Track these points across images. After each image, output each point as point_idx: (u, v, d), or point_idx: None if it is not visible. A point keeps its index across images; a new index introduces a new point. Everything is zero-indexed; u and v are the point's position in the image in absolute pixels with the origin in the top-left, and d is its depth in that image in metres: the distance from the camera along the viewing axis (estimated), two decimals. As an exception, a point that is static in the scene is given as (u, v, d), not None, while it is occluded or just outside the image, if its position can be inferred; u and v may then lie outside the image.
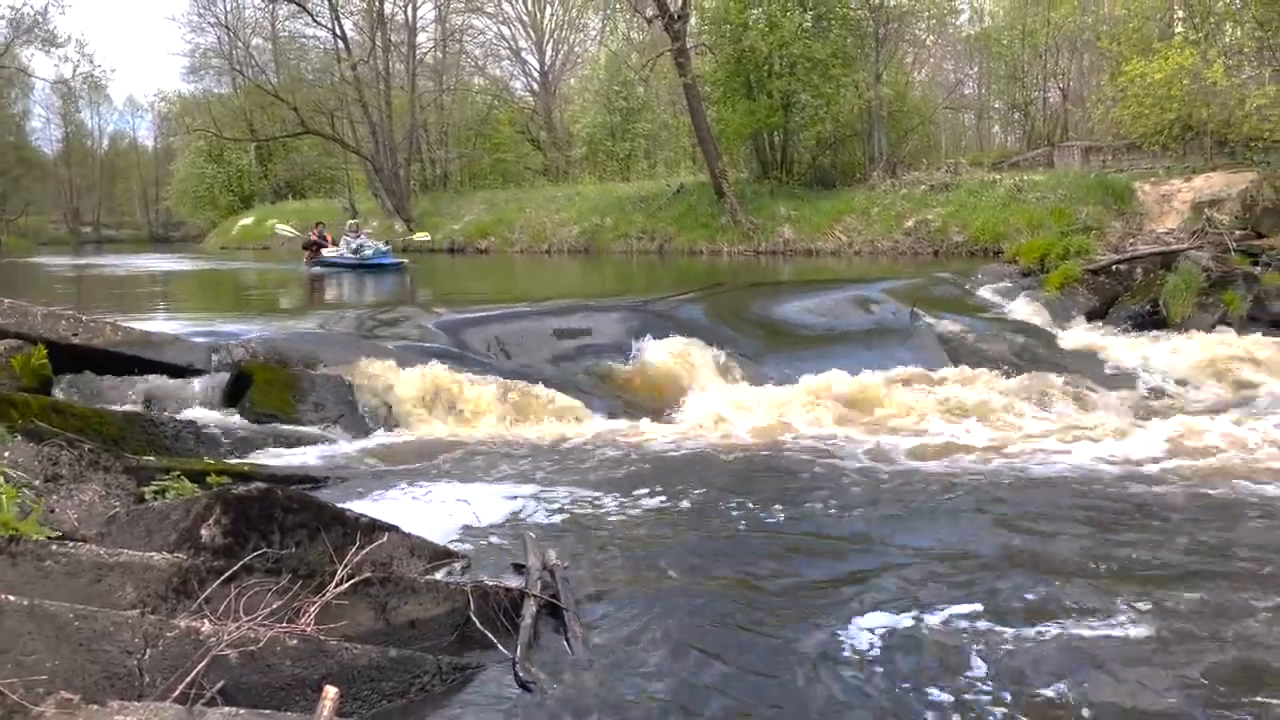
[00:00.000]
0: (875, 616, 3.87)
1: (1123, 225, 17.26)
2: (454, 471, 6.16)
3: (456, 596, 3.59)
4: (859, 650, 3.59)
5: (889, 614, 3.88)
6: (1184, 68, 18.63)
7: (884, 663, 3.50)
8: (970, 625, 3.78)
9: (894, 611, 3.91)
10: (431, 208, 34.38)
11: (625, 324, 9.78)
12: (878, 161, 24.86)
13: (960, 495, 5.70)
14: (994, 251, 17.49)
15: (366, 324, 9.44)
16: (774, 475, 6.17)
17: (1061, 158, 24.27)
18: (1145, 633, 3.74)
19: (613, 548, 4.80)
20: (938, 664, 3.48)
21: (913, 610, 3.91)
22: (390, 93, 34.30)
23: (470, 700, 3.19)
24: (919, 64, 33.49)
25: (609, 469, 6.34)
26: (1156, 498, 5.58)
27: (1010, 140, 32.81)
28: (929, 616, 3.86)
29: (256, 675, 2.89)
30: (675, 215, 25.33)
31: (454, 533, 4.84)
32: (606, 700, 3.25)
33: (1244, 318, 11.75)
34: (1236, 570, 4.41)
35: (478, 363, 8.28)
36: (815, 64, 23.84)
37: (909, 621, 3.81)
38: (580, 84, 40.76)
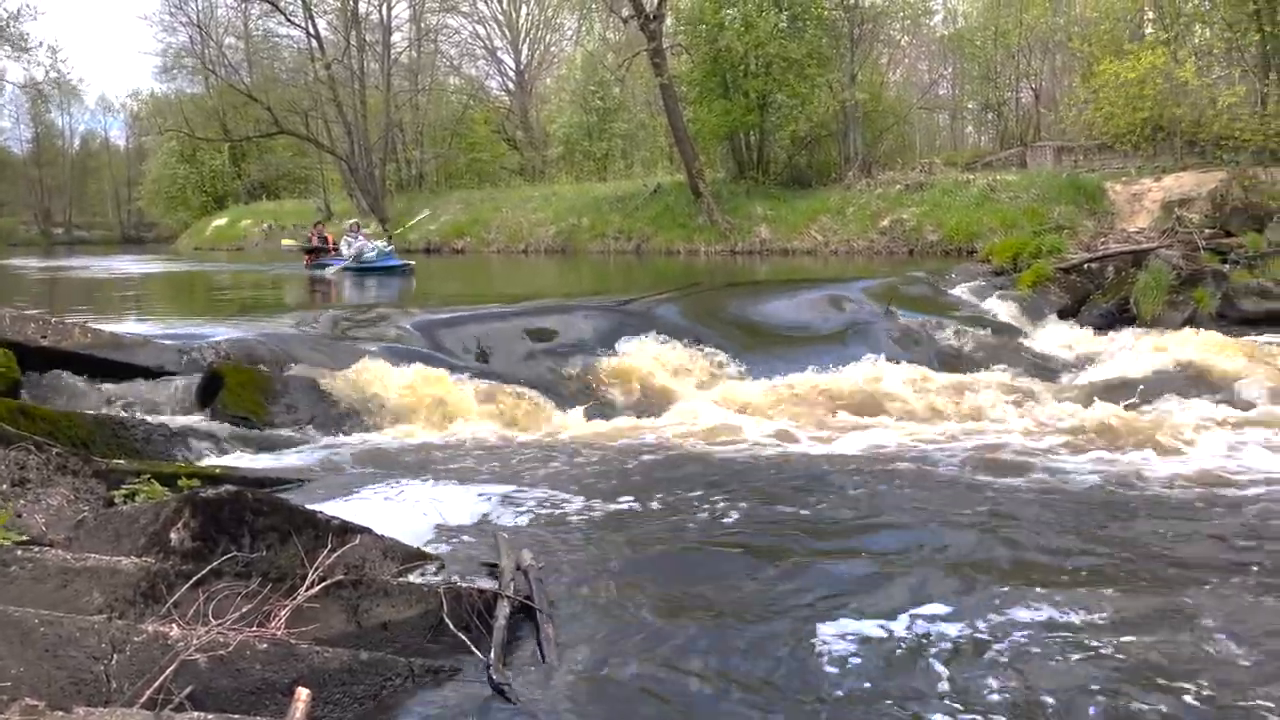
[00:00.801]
0: (849, 617, 3.86)
1: (1094, 224, 17.43)
2: (428, 473, 6.13)
3: (429, 598, 3.57)
4: (833, 653, 3.58)
5: (863, 616, 3.87)
6: (1157, 67, 18.84)
7: (857, 666, 3.49)
8: (943, 626, 3.78)
9: (868, 614, 3.89)
10: (407, 208, 34.21)
11: (601, 324, 9.78)
12: (853, 161, 24.97)
13: (936, 493, 5.73)
14: (968, 251, 17.62)
15: (342, 325, 9.38)
16: (750, 475, 6.17)
17: (1034, 158, 24.47)
18: (1125, 629, 3.78)
19: (588, 549, 4.79)
20: (911, 666, 3.48)
21: (888, 612, 3.90)
22: (365, 92, 34.11)
23: (442, 702, 3.17)
24: (894, 64, 33.69)
25: (584, 469, 6.33)
26: (1138, 494, 5.64)
27: (984, 140, 33.07)
28: (904, 618, 3.85)
29: (226, 679, 2.86)
30: (652, 215, 25.34)
31: (428, 534, 4.81)
32: (579, 702, 3.25)
33: (1213, 315, 11.92)
34: (1223, 566, 4.47)
35: (453, 363, 8.25)
36: (791, 64, 23.92)
37: (884, 624, 3.80)
38: (556, 84, 40.70)
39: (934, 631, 3.76)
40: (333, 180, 38.63)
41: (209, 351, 7.58)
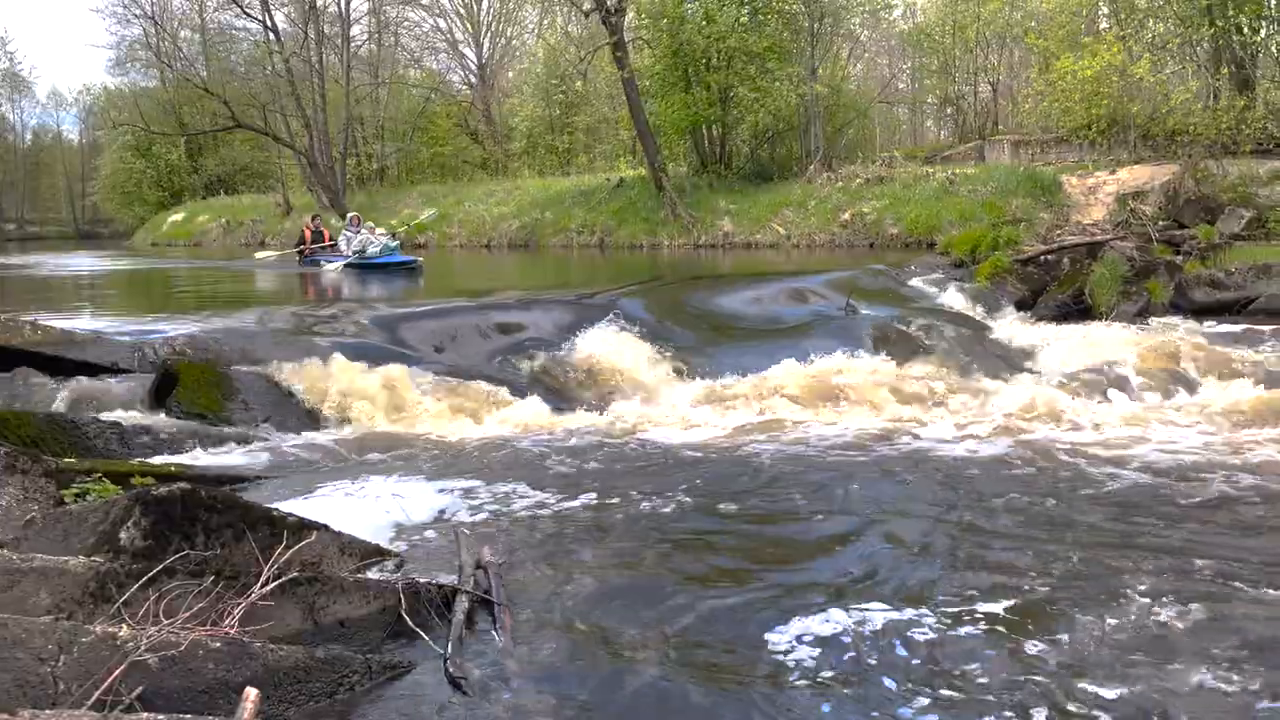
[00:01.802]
0: (809, 610, 3.88)
1: (1051, 217, 17.61)
2: (388, 468, 6.09)
3: (387, 595, 3.55)
4: (792, 646, 3.60)
5: (824, 608, 3.89)
6: (1113, 64, 19.10)
7: (816, 658, 3.51)
8: (903, 619, 3.81)
9: (829, 605, 3.92)
10: (368, 202, 33.84)
11: (564, 318, 9.76)
12: (814, 155, 25.06)
13: (898, 484, 5.79)
14: (928, 243, 17.75)
15: (304, 320, 9.27)
16: (712, 468, 6.19)
17: (992, 151, 24.72)
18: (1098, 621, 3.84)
19: (548, 543, 4.78)
20: (869, 660, 3.50)
21: (847, 605, 3.93)
22: (324, 86, 33.66)
23: (400, 698, 3.16)
24: (854, 58, 33.87)
25: (546, 464, 6.32)
26: (1088, 480, 5.73)
27: (943, 134, 33.36)
28: (860, 611, 3.87)
29: (178, 679, 2.83)
30: (615, 209, 25.28)
31: (387, 530, 4.79)
32: (539, 696, 3.24)
33: (1166, 305, 12.15)
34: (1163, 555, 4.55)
35: (414, 358, 8.20)
36: (752, 58, 23.95)
37: (843, 616, 3.81)
38: (518, 77, 40.47)
39: (892, 623, 3.79)
40: (292, 175, 38.11)
41: (164, 348, 7.47)
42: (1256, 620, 3.75)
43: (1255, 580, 4.13)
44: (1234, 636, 3.61)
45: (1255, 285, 12.01)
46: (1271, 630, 3.66)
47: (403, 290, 13.96)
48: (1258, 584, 4.09)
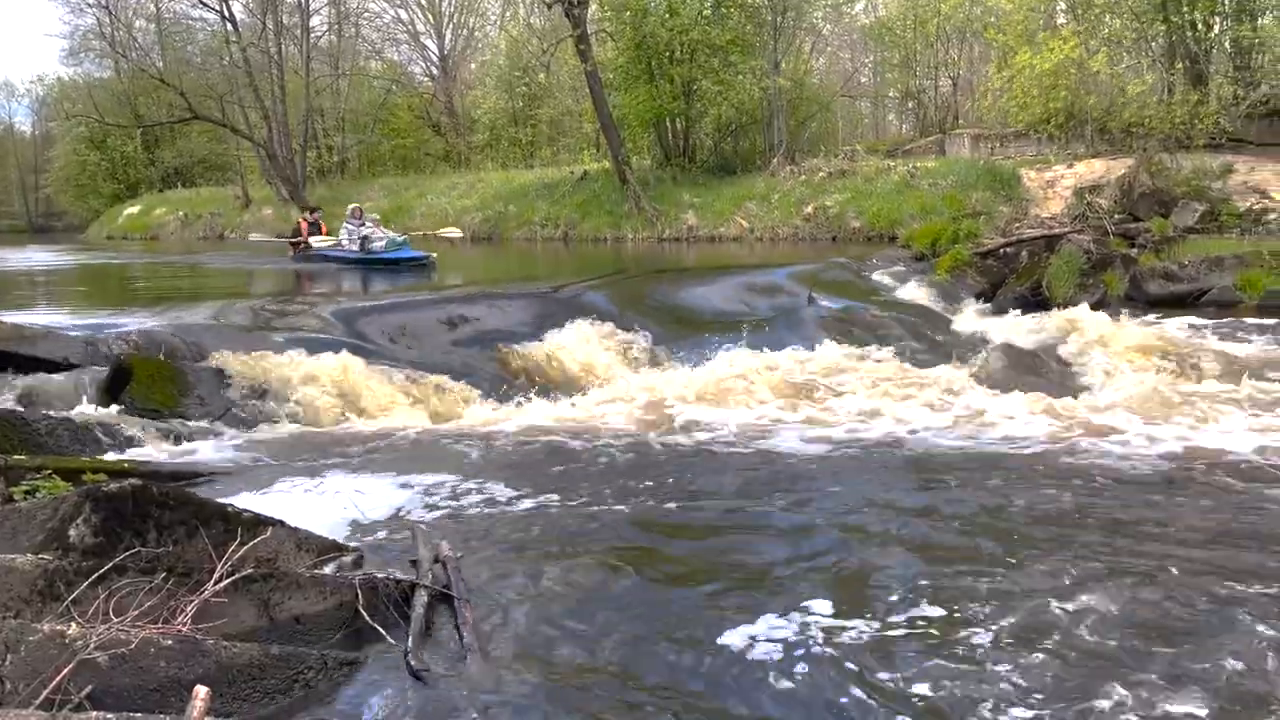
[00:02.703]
0: (771, 607, 3.86)
1: (1010, 210, 17.83)
2: (348, 464, 6.03)
3: (344, 590, 3.52)
4: (753, 640, 3.58)
5: (787, 605, 3.87)
6: (1070, 59, 19.33)
7: (777, 654, 3.49)
8: (864, 616, 3.80)
9: (791, 602, 3.90)
10: (329, 195, 33.47)
11: (528, 312, 9.73)
12: (778, 149, 25.16)
13: (859, 475, 5.82)
14: (889, 236, 17.89)
15: (262, 315, 9.16)
16: (676, 461, 6.19)
17: (952, 145, 24.95)
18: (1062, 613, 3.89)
19: (509, 537, 4.76)
20: (826, 653, 3.49)
21: (809, 599, 3.91)
22: (284, 77, 33.25)
23: (358, 694, 3.13)
24: (816, 52, 34.00)
25: (509, 458, 6.30)
26: (1045, 470, 5.81)
27: (904, 128, 33.59)
28: (821, 604, 3.87)
29: (128, 678, 2.78)
30: (579, 202, 25.22)
31: (345, 526, 4.75)
32: (499, 690, 3.23)
33: (1122, 298, 12.34)
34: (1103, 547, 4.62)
35: (375, 352, 8.12)
36: (715, 50, 23.98)
37: (799, 614, 3.79)
38: (481, 69, 40.22)
39: (848, 615, 3.82)
40: (251, 167, 37.62)
41: (117, 343, 7.34)
42: (1205, 605, 3.83)
43: (1203, 572, 4.21)
44: (1177, 622, 3.69)
45: (1208, 278, 12.23)
46: (1214, 614, 3.74)
47: (368, 283, 13.80)
48: (1204, 576, 4.17)
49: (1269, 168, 17.69)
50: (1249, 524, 4.78)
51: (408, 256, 15.32)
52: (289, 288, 14.16)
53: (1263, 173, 17.54)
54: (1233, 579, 4.05)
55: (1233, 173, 17.44)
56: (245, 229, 33.23)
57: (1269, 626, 3.59)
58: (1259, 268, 11.96)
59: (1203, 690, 3.17)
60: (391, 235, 15.86)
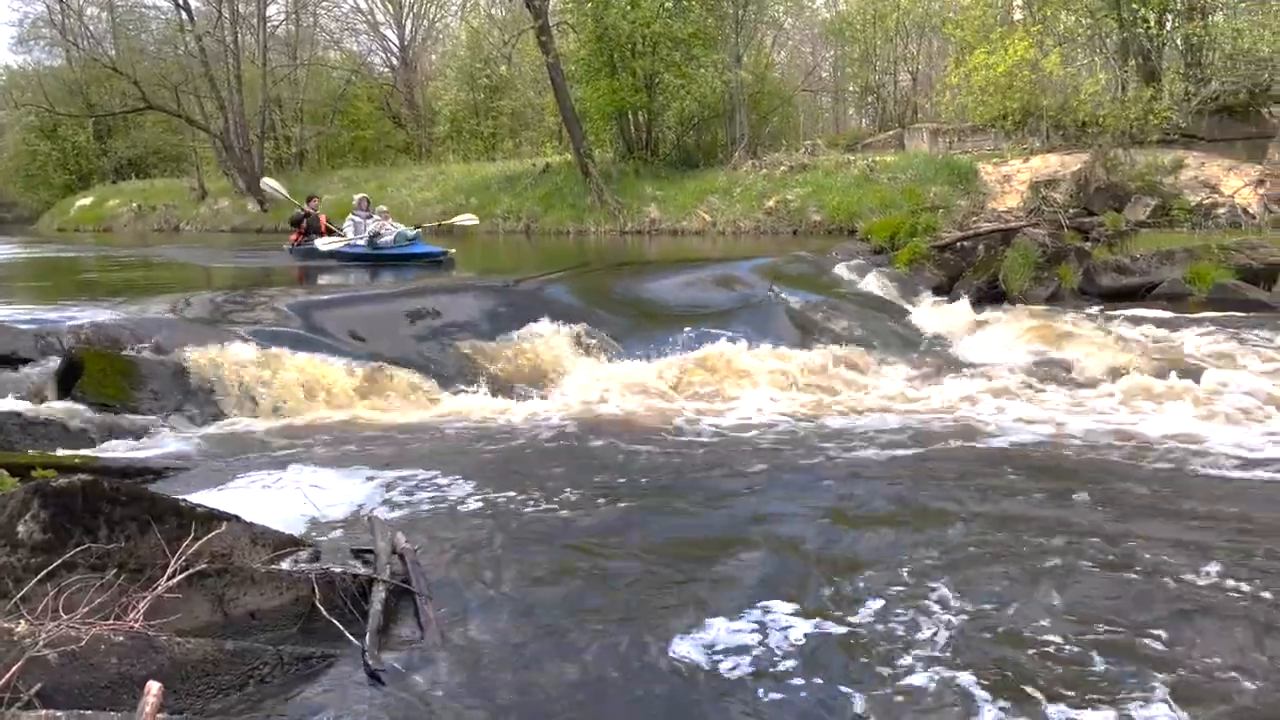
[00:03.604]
0: (731, 601, 3.87)
1: (968, 204, 18.04)
2: (306, 458, 5.98)
3: (301, 585, 3.50)
4: (713, 638, 3.57)
5: (739, 601, 3.88)
6: (1025, 59, 19.58)
7: (735, 649, 3.49)
8: (821, 614, 3.80)
9: (750, 595, 3.93)
10: (287, 187, 33.09)
11: (489, 305, 9.68)
12: (739, 143, 25.24)
13: (821, 468, 5.85)
14: (849, 230, 18.00)
15: (220, 308, 9.02)
16: (637, 455, 6.20)
17: (911, 140, 25.18)
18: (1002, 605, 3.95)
19: (470, 531, 4.75)
20: (773, 647, 3.50)
21: (760, 598, 3.92)
22: (240, 67, 32.74)
23: (314, 689, 3.11)
24: (778, 46, 34.14)
25: (470, 451, 6.28)
26: (999, 461, 5.90)
27: (864, 123, 33.82)
28: (777, 599, 3.89)
29: (79, 675, 2.75)
30: (541, 195, 25.13)
31: (303, 521, 4.70)
32: (458, 685, 3.23)
33: (1076, 290, 12.54)
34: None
35: (333, 346, 8.04)
36: (677, 44, 23.99)
37: (757, 610, 3.80)
38: (442, 60, 39.89)
39: (807, 611, 3.85)
40: (207, 158, 37.02)
41: (68, 336, 7.21)
42: (1152, 591, 3.92)
43: (1139, 552, 4.30)
44: (1111, 607, 3.77)
45: (1158, 271, 12.45)
46: (1147, 598, 3.83)
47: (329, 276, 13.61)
48: (1140, 556, 4.26)
49: (1219, 163, 18.07)
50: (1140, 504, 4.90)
51: (422, 252, 13.83)
52: (246, 281, 13.97)
53: (1213, 168, 17.91)
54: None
55: (1184, 168, 17.79)
56: (201, 220, 32.76)
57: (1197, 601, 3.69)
58: (1208, 261, 12.19)
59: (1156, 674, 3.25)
60: (402, 229, 14.39)
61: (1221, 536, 4.49)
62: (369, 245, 14.06)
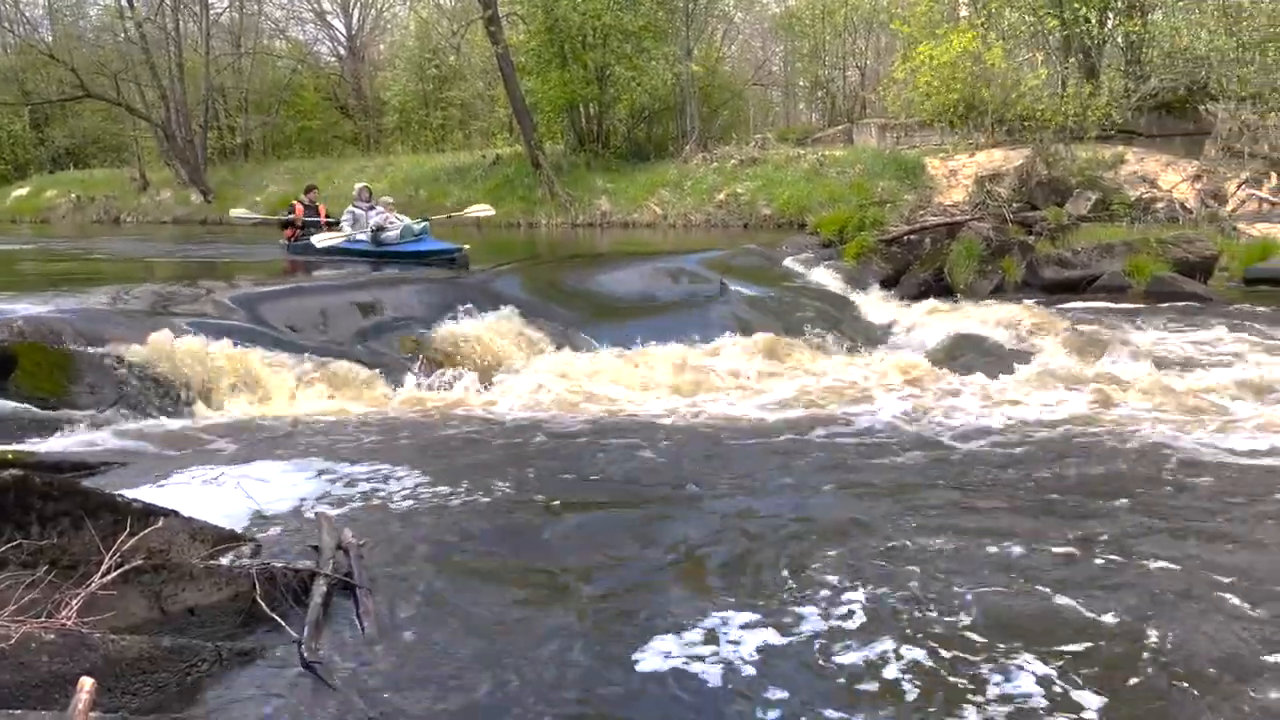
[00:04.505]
0: (680, 599, 3.85)
1: (915, 198, 18.28)
2: (248, 453, 5.89)
3: (240, 580, 3.44)
4: (659, 634, 3.55)
5: (693, 597, 3.87)
6: (968, 51, 19.89)
7: (679, 647, 3.45)
8: (774, 612, 3.77)
9: (696, 593, 3.92)
10: (231, 178, 32.55)
11: (438, 297, 9.59)
12: (690, 136, 25.32)
13: (770, 461, 5.85)
14: (799, 224, 18.16)
15: (162, 299, 8.84)
16: (587, 448, 6.18)
17: (860, 134, 25.45)
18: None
19: (418, 524, 4.71)
20: (730, 653, 3.45)
21: (713, 590, 3.93)
22: (182, 54, 32.07)
23: (253, 685, 3.07)
24: (728, 40, 34.27)
25: (418, 446, 6.21)
26: (947, 451, 5.99)
27: (814, 117, 34.09)
28: (724, 595, 3.88)
29: (8, 674, 2.68)
30: (491, 187, 25.00)
31: (245, 516, 4.63)
32: (397, 679, 3.19)
33: (1019, 283, 12.77)
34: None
35: (278, 339, 7.92)
36: (628, 36, 24.00)
37: (708, 602, 3.81)
38: (390, 50, 39.42)
39: (752, 607, 3.88)
40: (148, 148, 36.21)
41: (1, 329, 7.00)
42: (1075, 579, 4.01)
43: (1066, 543, 4.40)
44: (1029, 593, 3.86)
45: (1099, 264, 12.73)
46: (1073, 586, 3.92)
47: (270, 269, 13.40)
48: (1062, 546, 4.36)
49: (1157, 158, 18.53)
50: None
51: (433, 249, 12.22)
52: (189, 273, 13.71)
53: (1152, 163, 18.36)
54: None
55: (1124, 163, 18.21)
56: (142, 212, 32.09)
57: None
58: (1146, 255, 12.49)
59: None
60: (408, 222, 12.93)
61: (1155, 512, 4.61)
62: (373, 241, 12.72)
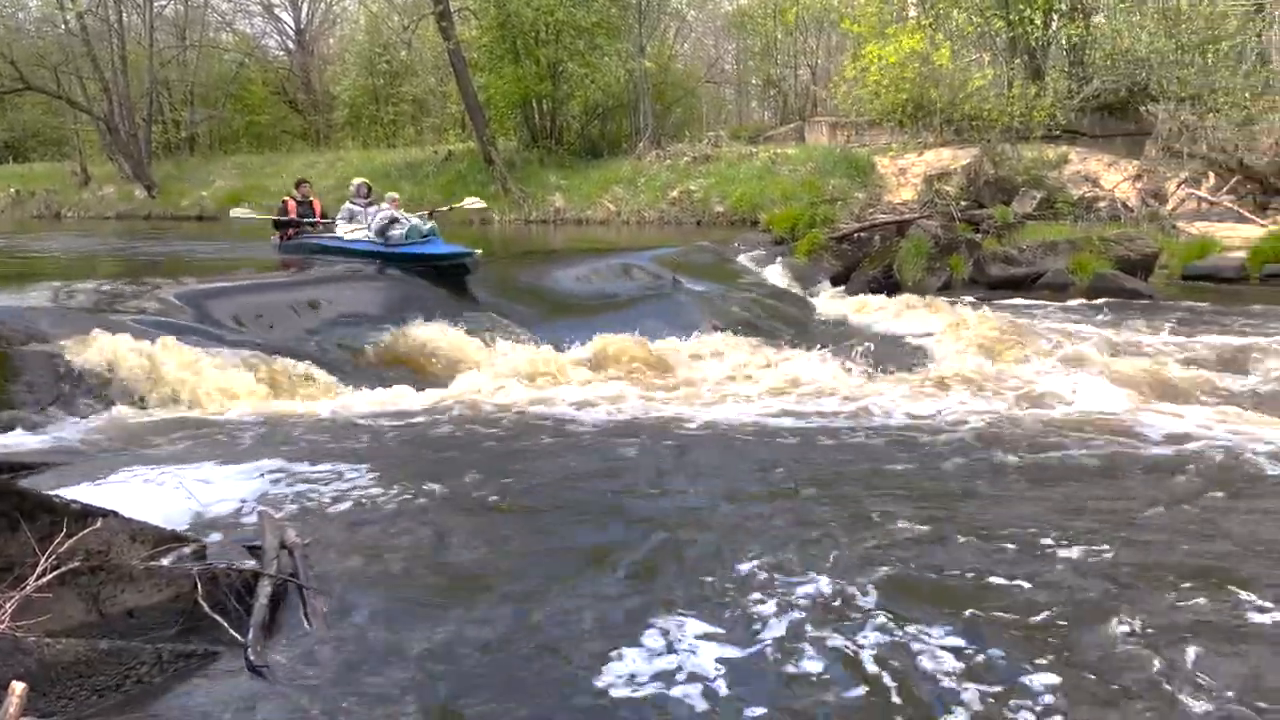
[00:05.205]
0: (627, 598, 3.85)
1: (865, 196, 18.45)
2: (191, 452, 5.79)
3: (182, 581, 3.39)
4: (603, 631, 3.56)
5: (642, 595, 3.88)
6: (916, 52, 20.13)
7: (626, 647, 3.46)
8: (716, 609, 3.79)
9: (646, 592, 3.92)
10: (176, 172, 31.90)
11: (388, 294, 9.52)
12: (644, 133, 25.33)
13: (722, 456, 5.89)
14: (752, 221, 18.26)
15: (104, 297, 8.64)
16: (538, 446, 6.15)
17: (811, 133, 25.63)
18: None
19: (364, 524, 4.66)
20: (673, 653, 3.45)
21: (665, 587, 3.95)
22: (125, 47, 31.35)
23: (194, 688, 3.02)
24: (681, 38, 34.32)
25: (366, 444, 6.15)
26: (894, 446, 6.06)
27: (767, 115, 34.25)
28: (676, 592, 3.90)
29: (-62, 681, 2.61)
30: (444, 183, 24.77)
31: (188, 516, 4.55)
32: (343, 681, 3.17)
33: (966, 280, 12.98)
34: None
35: (222, 337, 7.80)
36: (581, 32, 23.94)
37: (659, 600, 3.82)
38: (340, 44, 38.92)
39: (706, 597, 3.90)
40: (90, 142, 35.39)
41: (-66, 328, 6.82)
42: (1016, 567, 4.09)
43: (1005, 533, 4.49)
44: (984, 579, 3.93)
45: (1043, 261, 12.98)
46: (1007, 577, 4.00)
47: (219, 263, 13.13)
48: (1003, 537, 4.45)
49: (1100, 158, 18.89)
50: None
51: (444, 253, 10.52)
52: (132, 270, 13.42)
53: (1094, 163, 18.73)
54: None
55: (1068, 163, 18.54)
56: (84, 207, 31.36)
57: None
58: (1089, 252, 12.76)
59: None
60: (415, 222, 11.20)
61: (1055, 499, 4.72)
62: (382, 240, 11.06)
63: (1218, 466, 5.41)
